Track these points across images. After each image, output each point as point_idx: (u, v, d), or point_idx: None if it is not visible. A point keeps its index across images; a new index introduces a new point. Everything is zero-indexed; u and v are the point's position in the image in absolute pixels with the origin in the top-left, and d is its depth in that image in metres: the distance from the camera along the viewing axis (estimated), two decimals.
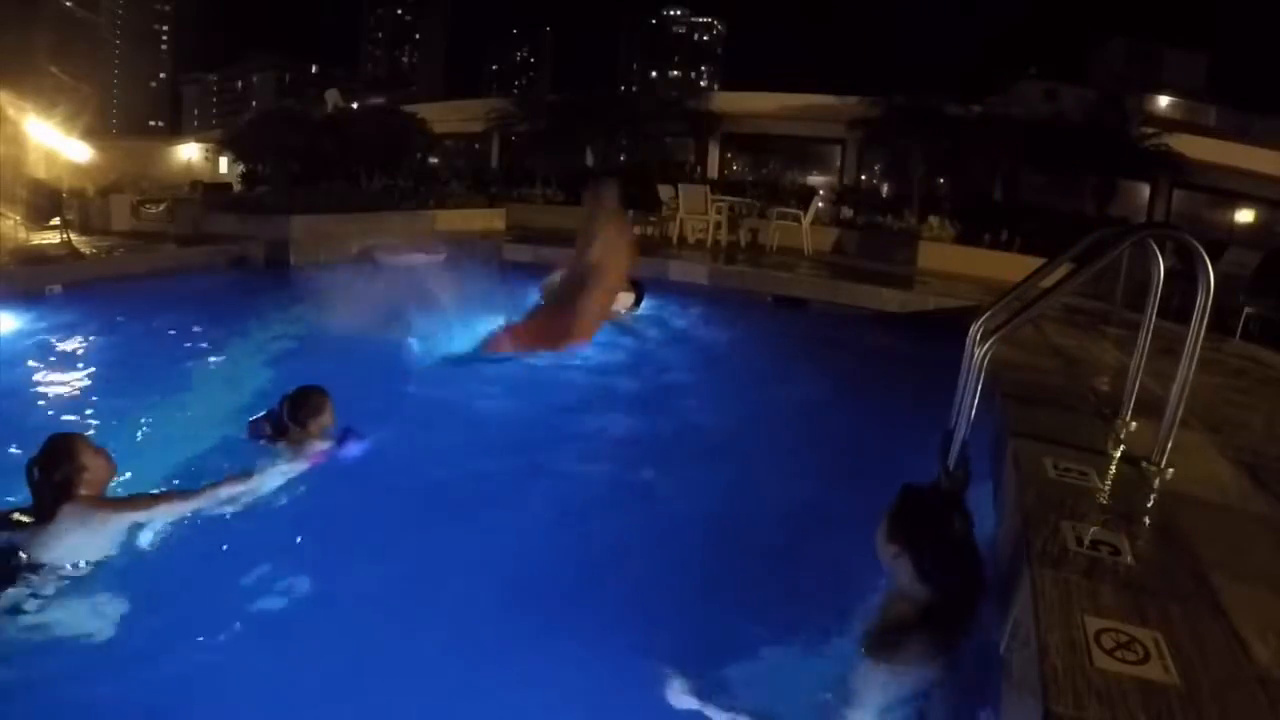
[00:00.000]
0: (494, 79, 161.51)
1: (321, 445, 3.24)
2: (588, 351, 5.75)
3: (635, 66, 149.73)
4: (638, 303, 7.07)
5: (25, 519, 2.42)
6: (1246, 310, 6.33)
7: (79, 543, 2.38)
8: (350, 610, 2.41)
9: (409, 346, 5.25)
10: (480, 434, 4.00)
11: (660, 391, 4.95)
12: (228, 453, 3.24)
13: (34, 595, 2.27)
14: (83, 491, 2.44)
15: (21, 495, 2.59)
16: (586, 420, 4.36)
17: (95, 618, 2.24)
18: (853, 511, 3.05)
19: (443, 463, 3.50)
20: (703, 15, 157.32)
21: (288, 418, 3.25)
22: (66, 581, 2.33)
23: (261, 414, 3.37)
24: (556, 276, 7.26)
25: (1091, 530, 1.84)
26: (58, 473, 2.42)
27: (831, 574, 2.61)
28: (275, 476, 2.98)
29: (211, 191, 17.63)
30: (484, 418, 4.28)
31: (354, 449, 3.28)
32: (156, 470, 3.09)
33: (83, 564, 2.37)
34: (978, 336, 2.55)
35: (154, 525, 2.58)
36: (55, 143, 10.33)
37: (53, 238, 8.09)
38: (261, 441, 3.25)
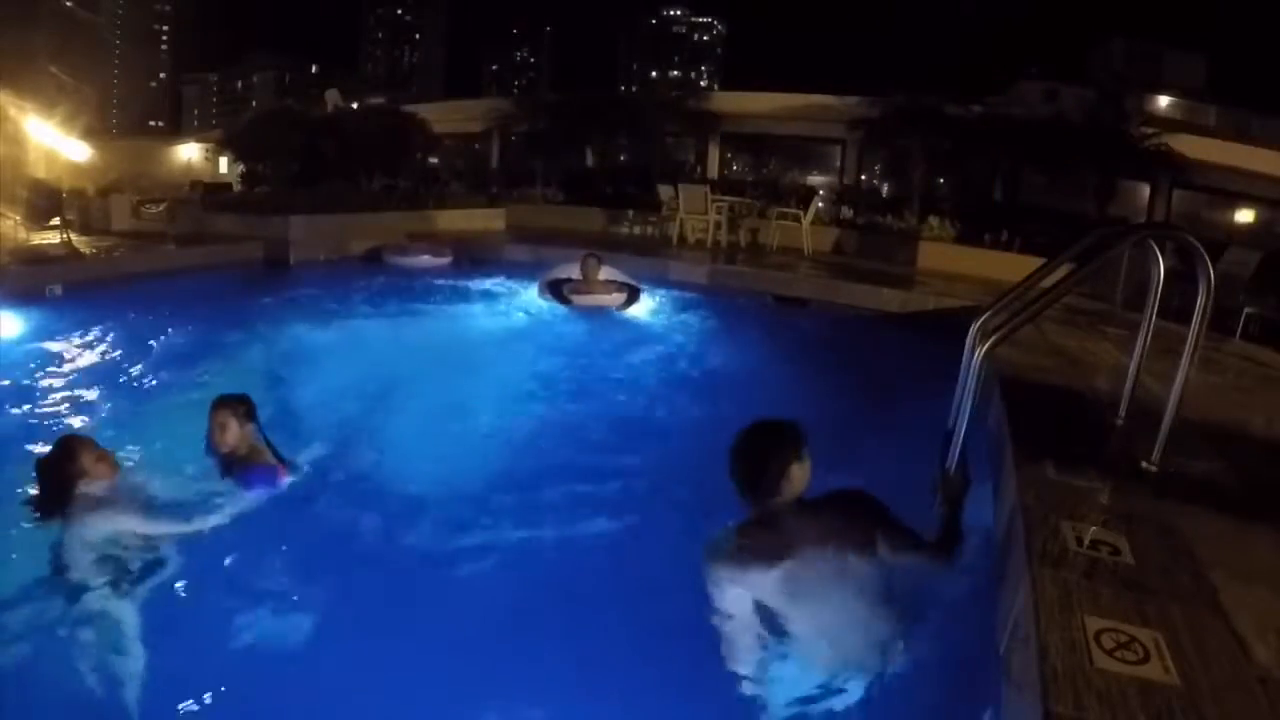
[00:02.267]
0: (494, 79, 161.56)
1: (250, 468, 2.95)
2: (586, 349, 5.79)
3: (635, 66, 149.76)
4: (629, 302, 7.09)
5: (34, 515, 2.47)
6: (1246, 310, 6.33)
7: (75, 543, 2.38)
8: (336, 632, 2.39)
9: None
10: (473, 431, 4.01)
11: (658, 390, 4.95)
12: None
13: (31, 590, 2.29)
14: (80, 492, 2.45)
15: (12, 496, 2.63)
16: (582, 416, 4.38)
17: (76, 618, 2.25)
18: None
19: (428, 468, 3.50)
20: (703, 15, 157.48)
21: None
22: (61, 579, 2.34)
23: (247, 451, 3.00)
24: (558, 272, 7.31)
25: (1091, 530, 1.84)
26: (59, 474, 2.45)
27: None
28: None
29: (211, 191, 17.63)
30: (476, 414, 4.29)
31: (262, 482, 2.88)
32: (156, 470, 3.09)
33: (82, 563, 2.37)
34: (978, 336, 2.55)
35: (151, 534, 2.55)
36: (55, 143, 10.33)
37: (53, 238, 8.08)
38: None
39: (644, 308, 7.23)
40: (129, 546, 2.44)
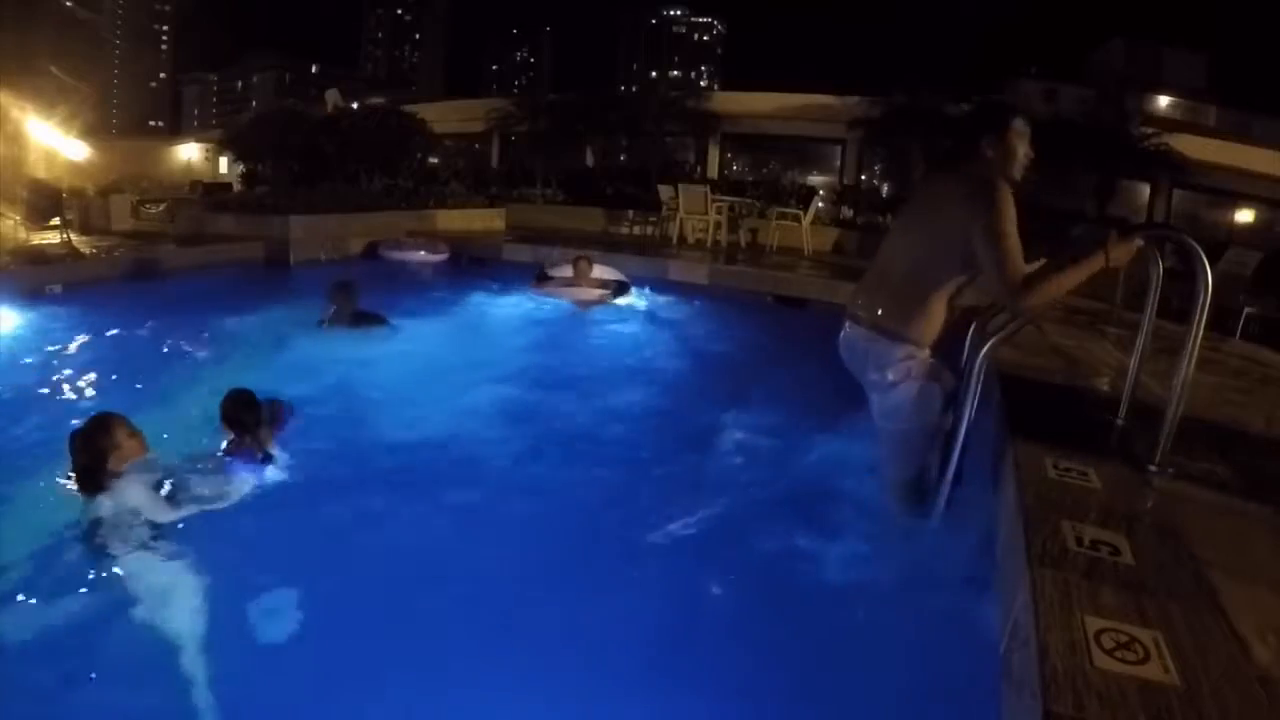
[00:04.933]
0: (494, 79, 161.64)
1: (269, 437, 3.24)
2: (584, 346, 5.83)
3: (635, 66, 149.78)
4: (617, 295, 7.13)
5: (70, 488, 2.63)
6: (1246, 310, 6.33)
7: (115, 512, 2.51)
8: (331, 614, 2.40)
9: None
10: (470, 428, 4.01)
11: (657, 390, 4.95)
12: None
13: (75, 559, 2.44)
14: (113, 467, 2.60)
15: (20, 490, 2.72)
16: (573, 411, 4.41)
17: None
18: (849, 505, 3.05)
19: (428, 463, 3.51)
20: (703, 15, 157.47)
21: (254, 424, 3.17)
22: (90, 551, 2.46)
23: (231, 439, 3.19)
24: (552, 270, 7.38)
25: (1091, 530, 1.84)
26: (94, 446, 2.60)
27: (823, 565, 2.62)
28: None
29: (211, 191, 17.63)
30: (472, 412, 4.29)
31: (286, 420, 3.31)
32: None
33: (110, 533, 2.48)
34: (978, 337, 2.55)
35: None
36: (55, 143, 10.33)
37: (53, 238, 8.09)
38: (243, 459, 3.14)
39: (642, 306, 7.26)
40: (153, 522, 2.56)
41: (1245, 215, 15.40)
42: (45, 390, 4.29)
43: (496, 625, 2.35)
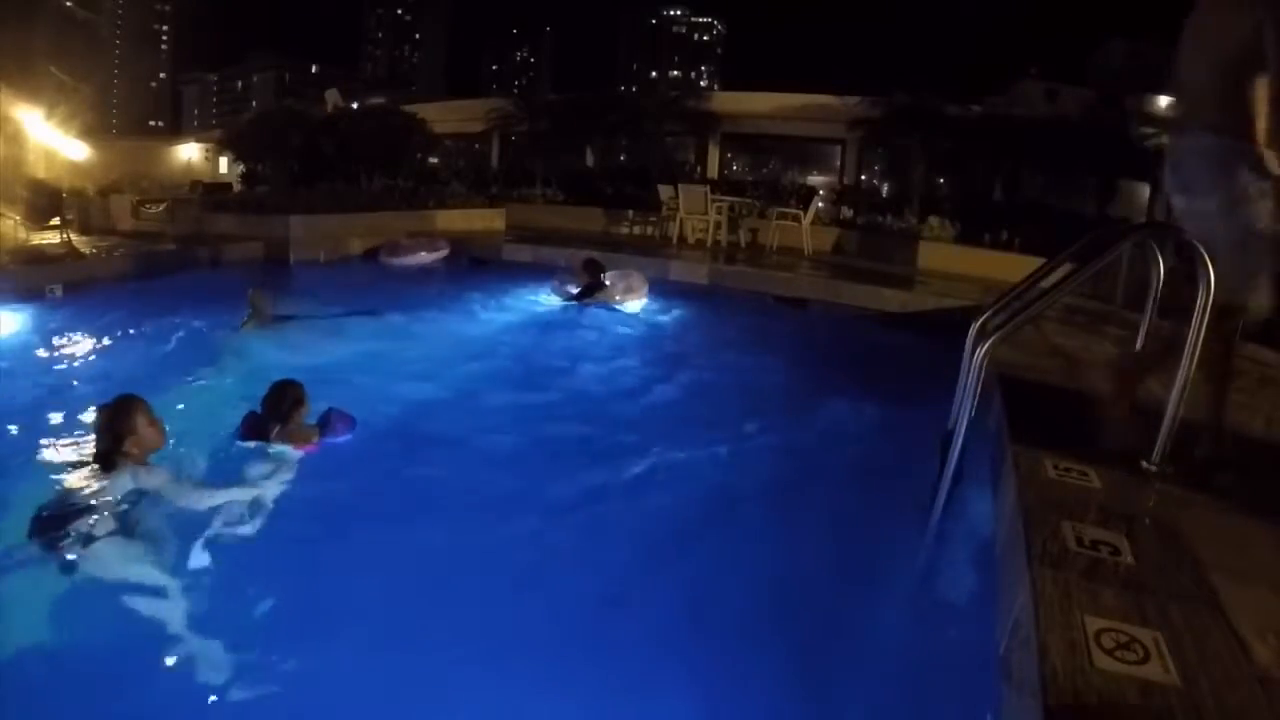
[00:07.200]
0: (494, 79, 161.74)
1: (310, 434, 3.28)
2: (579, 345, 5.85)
3: (635, 66, 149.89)
4: (583, 295, 7.13)
5: (87, 463, 2.66)
6: None
7: (126, 496, 2.54)
8: (346, 613, 2.40)
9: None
10: (477, 426, 4.01)
11: (659, 391, 4.95)
12: (226, 452, 3.25)
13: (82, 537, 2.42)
14: (129, 450, 2.63)
15: (22, 492, 2.68)
16: (564, 407, 4.43)
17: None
18: (850, 507, 3.05)
19: (437, 462, 3.51)
20: (703, 15, 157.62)
21: (270, 415, 3.26)
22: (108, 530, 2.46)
23: (246, 413, 3.37)
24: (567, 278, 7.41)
25: (1091, 530, 1.84)
26: (113, 428, 2.65)
27: (822, 563, 2.62)
28: (274, 480, 3.01)
29: (211, 191, 17.63)
30: (479, 408, 4.30)
31: (343, 432, 3.34)
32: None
33: (127, 517, 2.49)
34: (978, 336, 2.55)
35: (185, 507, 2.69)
36: (55, 143, 10.34)
37: (53, 238, 8.09)
38: (251, 443, 3.26)
39: (637, 306, 7.30)
40: (161, 510, 2.59)
41: None
42: (44, 391, 4.28)
43: (489, 624, 2.34)
